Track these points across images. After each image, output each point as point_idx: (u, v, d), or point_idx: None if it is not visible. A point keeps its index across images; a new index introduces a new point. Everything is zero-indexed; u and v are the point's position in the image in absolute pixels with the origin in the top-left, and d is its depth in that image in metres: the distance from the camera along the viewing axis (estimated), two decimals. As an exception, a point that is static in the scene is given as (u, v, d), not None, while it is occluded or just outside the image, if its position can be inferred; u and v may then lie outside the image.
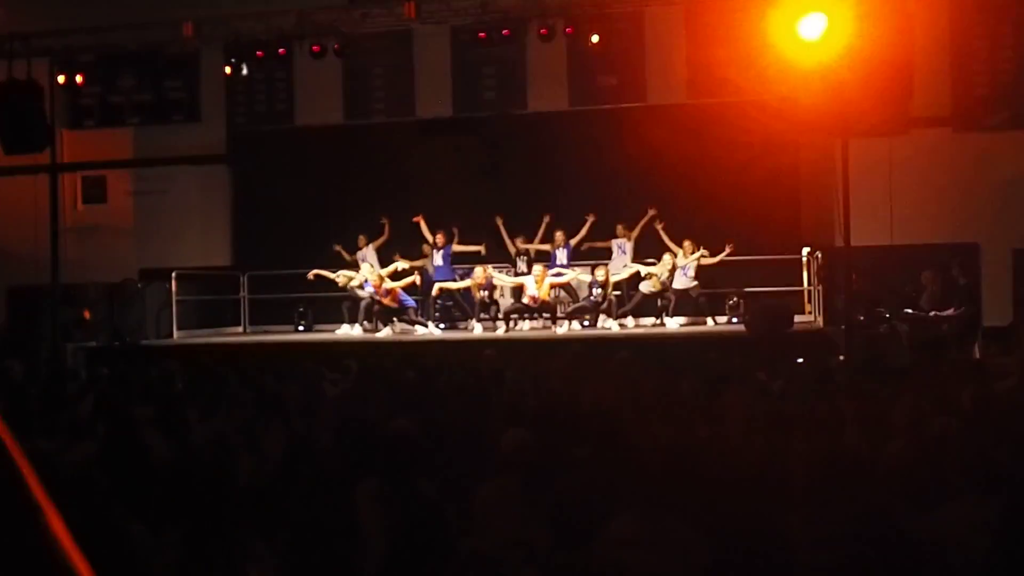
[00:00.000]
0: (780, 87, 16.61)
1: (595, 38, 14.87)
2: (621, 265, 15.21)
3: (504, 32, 15.05)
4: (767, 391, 7.76)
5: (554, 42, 15.21)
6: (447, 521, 4.30)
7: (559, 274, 14.73)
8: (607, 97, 17.49)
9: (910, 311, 13.53)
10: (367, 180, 17.42)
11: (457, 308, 15.86)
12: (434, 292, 15.12)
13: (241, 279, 17.43)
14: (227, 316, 17.63)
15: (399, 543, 3.87)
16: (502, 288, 15.15)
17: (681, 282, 15.11)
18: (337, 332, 15.48)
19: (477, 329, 14.77)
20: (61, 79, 16.37)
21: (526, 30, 15.35)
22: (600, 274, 14.62)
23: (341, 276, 15.26)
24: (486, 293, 14.69)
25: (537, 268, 14.49)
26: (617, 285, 15.01)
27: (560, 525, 3.96)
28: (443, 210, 16.01)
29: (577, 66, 17.50)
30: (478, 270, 14.66)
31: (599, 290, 14.72)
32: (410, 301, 14.97)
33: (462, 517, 5.01)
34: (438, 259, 15.19)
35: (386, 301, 14.53)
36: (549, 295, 14.49)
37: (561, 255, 15.06)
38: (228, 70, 16.14)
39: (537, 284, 14.25)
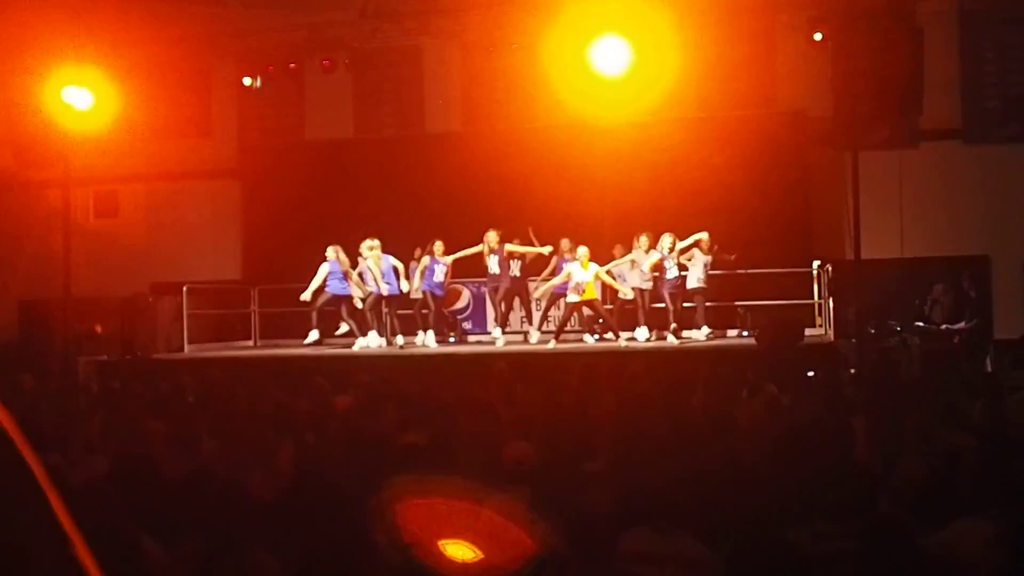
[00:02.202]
0: (791, 100, 16.69)
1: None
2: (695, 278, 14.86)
3: (512, 46, 15.09)
4: (778, 405, 7.74)
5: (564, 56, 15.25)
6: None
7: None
8: (620, 112, 17.49)
9: (921, 324, 13.49)
10: (377, 194, 17.46)
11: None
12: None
13: (252, 293, 17.46)
14: (238, 330, 17.65)
15: (410, 558, 3.87)
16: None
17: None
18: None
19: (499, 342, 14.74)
20: (82, 96, 16.39)
21: (535, 44, 15.40)
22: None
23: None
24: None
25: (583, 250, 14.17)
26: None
27: (572, 539, 3.96)
28: (452, 223, 16.03)
29: (586, 82, 17.50)
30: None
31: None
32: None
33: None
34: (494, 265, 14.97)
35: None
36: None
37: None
38: (248, 81, 16.16)
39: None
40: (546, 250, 14.94)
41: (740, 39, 17.22)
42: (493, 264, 14.72)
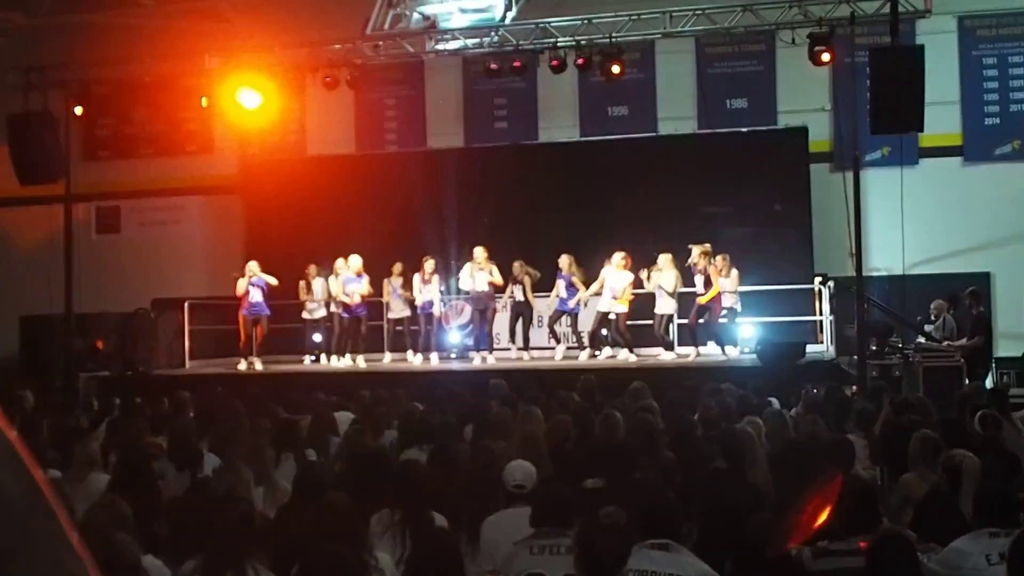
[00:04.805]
0: (792, 117, 16.73)
1: (613, 70, 14.92)
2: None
3: (515, 63, 15.11)
4: (780, 421, 7.73)
5: (565, 73, 15.29)
6: (458, 552, 4.28)
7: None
8: (618, 127, 17.56)
9: (923, 341, 13.47)
10: (379, 210, 17.46)
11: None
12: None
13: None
14: (239, 346, 17.62)
15: (412, 575, 3.86)
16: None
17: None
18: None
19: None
20: (78, 111, 16.44)
21: (537, 61, 15.43)
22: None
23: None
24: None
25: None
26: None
27: (578, 558, 3.94)
28: (453, 239, 16.06)
29: (588, 97, 17.59)
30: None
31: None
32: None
33: (473, 548, 4.99)
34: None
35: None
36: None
37: (560, 284, 14.84)
38: (241, 101, 16.22)
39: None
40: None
41: (742, 56, 17.31)
42: (481, 282, 14.68)
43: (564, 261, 14.64)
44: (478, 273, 14.56)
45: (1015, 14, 16.67)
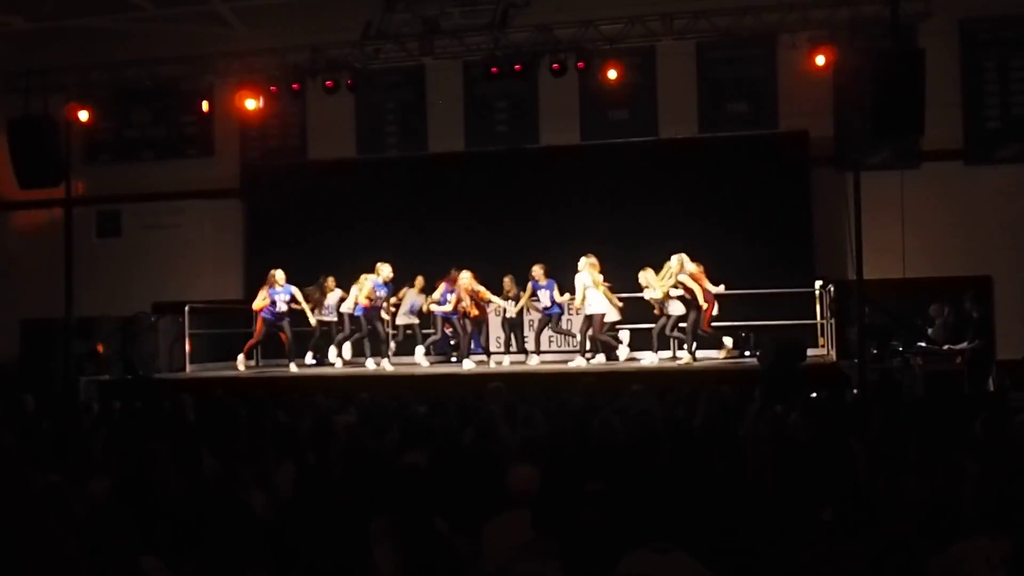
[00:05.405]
0: (793, 120, 16.72)
1: (612, 74, 14.96)
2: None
3: (516, 67, 15.13)
4: (781, 425, 7.72)
5: (566, 77, 15.30)
6: (459, 556, 4.28)
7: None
8: (618, 131, 17.55)
9: (923, 344, 13.46)
10: (379, 214, 17.47)
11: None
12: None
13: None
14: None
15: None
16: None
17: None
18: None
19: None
20: (83, 116, 16.44)
21: (538, 65, 15.43)
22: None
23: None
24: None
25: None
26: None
27: (571, 561, 3.94)
28: (454, 244, 16.06)
29: (589, 100, 17.58)
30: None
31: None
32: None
33: (474, 552, 4.99)
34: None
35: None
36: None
37: (543, 294, 14.89)
38: (246, 103, 16.24)
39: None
40: (506, 304, 15.10)
41: (742, 60, 17.30)
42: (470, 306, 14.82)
43: (538, 271, 14.69)
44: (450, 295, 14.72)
45: (1016, 18, 16.65)
